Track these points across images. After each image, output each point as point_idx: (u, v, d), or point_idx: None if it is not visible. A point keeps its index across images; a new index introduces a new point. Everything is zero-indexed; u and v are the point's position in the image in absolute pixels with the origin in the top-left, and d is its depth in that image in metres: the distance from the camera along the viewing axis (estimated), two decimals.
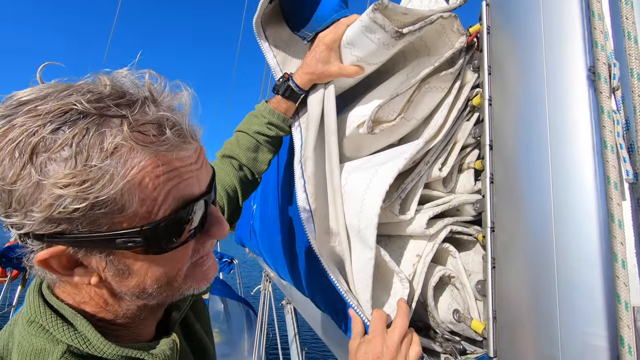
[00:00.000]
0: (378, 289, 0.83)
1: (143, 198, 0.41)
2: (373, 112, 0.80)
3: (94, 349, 0.47)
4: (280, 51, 1.01)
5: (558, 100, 0.62)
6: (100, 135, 0.39)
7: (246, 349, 5.34)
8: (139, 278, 0.47)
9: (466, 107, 0.86)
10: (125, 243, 0.42)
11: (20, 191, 0.39)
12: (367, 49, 0.80)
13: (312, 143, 0.85)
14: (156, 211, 0.43)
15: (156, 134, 0.42)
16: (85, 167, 0.38)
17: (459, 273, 0.83)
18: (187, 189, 0.45)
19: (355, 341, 0.73)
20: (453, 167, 0.88)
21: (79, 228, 0.40)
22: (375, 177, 0.78)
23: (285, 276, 1.65)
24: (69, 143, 0.38)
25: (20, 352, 0.46)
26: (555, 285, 0.60)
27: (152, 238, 0.43)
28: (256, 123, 0.93)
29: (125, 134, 0.39)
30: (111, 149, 0.39)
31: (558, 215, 0.61)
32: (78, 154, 0.38)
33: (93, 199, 0.38)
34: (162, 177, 0.42)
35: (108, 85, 0.42)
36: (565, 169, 0.60)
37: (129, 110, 0.41)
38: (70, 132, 0.38)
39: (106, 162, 0.38)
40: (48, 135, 0.38)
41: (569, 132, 0.61)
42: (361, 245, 0.79)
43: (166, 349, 0.54)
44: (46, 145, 0.38)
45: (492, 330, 0.72)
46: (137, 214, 0.41)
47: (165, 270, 0.48)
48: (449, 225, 0.83)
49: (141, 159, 0.40)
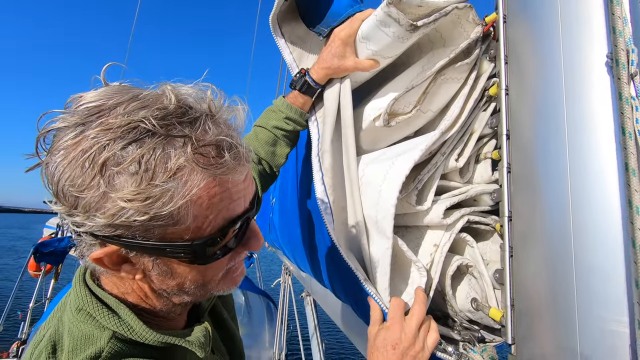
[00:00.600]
0: (396, 277, 0.84)
1: (196, 215, 0.45)
2: (389, 105, 0.82)
3: (136, 335, 0.51)
4: (297, 47, 1.03)
5: (576, 87, 0.62)
6: (166, 156, 0.42)
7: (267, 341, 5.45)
8: (179, 280, 0.51)
9: (483, 97, 0.86)
10: (174, 253, 0.46)
11: (88, 199, 0.42)
12: (382, 43, 0.81)
13: (329, 136, 0.87)
14: (205, 227, 0.46)
15: (215, 156, 0.44)
16: (149, 185, 0.41)
17: (477, 262, 0.84)
18: (235, 208, 0.48)
19: (374, 328, 0.75)
20: (470, 158, 0.88)
21: (135, 235, 0.44)
22: (391, 168, 0.79)
23: (305, 268, 1.68)
24: (137, 160, 0.41)
25: (71, 337, 0.50)
26: (573, 273, 0.60)
27: (200, 252, 0.47)
28: (274, 118, 0.95)
29: (188, 156, 0.42)
30: (174, 170, 0.42)
31: (576, 204, 0.61)
32: (144, 172, 0.41)
33: (153, 214, 0.42)
34: (216, 197, 0.45)
35: (173, 101, 0.45)
36: (583, 157, 0.60)
37: (191, 129, 0.44)
38: (139, 150, 0.41)
39: (169, 182, 0.42)
40: (118, 152, 0.41)
41: (586, 120, 0.61)
42: (379, 235, 0.81)
43: (200, 336, 0.58)
44: (116, 160, 0.41)
45: (510, 318, 0.73)
46: (189, 228, 0.45)
47: (204, 276, 0.52)
48: (466, 215, 0.84)
49: (200, 181, 0.43)
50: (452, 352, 0.73)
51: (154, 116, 0.43)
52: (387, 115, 0.82)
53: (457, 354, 0.73)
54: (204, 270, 0.51)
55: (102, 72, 0.49)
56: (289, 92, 0.97)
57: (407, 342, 0.69)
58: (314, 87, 0.93)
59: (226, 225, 0.48)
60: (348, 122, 0.88)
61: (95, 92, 0.46)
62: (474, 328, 0.86)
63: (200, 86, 0.50)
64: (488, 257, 0.87)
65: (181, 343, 0.55)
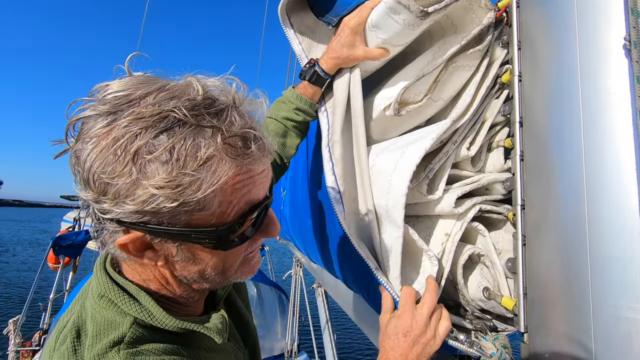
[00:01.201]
0: (407, 267, 0.85)
1: (222, 201, 0.46)
2: (399, 94, 0.81)
3: (156, 321, 0.53)
4: (306, 37, 1.03)
5: (591, 71, 0.61)
6: (196, 145, 0.43)
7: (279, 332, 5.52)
8: (201, 266, 0.53)
9: (495, 84, 0.85)
10: (198, 239, 0.48)
11: (119, 186, 0.43)
12: (392, 31, 0.81)
13: (340, 126, 0.87)
14: (229, 212, 0.48)
15: (242, 147, 0.46)
16: (180, 173, 0.42)
17: (489, 251, 0.83)
18: (257, 194, 0.50)
19: (386, 316, 0.76)
20: (482, 146, 0.87)
21: (162, 221, 0.45)
22: (402, 157, 0.79)
23: (316, 259, 1.70)
24: (169, 149, 0.42)
25: (94, 323, 0.52)
26: (588, 261, 0.59)
27: (224, 237, 0.49)
28: (284, 109, 0.96)
29: (218, 146, 0.44)
30: (204, 159, 0.43)
31: (591, 191, 0.60)
32: (176, 161, 0.42)
33: (182, 201, 0.43)
34: (240, 184, 0.47)
35: (200, 92, 0.46)
36: (598, 143, 0.59)
37: (219, 120, 0.45)
38: (171, 140, 0.42)
39: (199, 170, 0.43)
40: (151, 140, 0.42)
41: (602, 104, 0.59)
42: (390, 224, 0.81)
43: (218, 322, 0.59)
44: (148, 149, 0.42)
45: (523, 307, 0.73)
46: (214, 214, 0.47)
47: (225, 262, 0.54)
48: (478, 204, 0.84)
49: (228, 170, 0.45)
50: (463, 340, 0.73)
51: (184, 106, 0.43)
52: (398, 105, 0.82)
53: (469, 342, 0.73)
54: (225, 257, 0.53)
55: (126, 62, 0.50)
56: (299, 83, 0.97)
57: (419, 329, 0.69)
58: (324, 77, 0.92)
59: (248, 211, 0.49)
60: (358, 112, 0.87)
61: (122, 81, 0.46)
62: (486, 317, 0.86)
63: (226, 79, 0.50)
64: (500, 246, 0.87)
65: (200, 329, 0.56)
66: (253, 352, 0.78)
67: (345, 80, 0.91)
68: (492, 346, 0.73)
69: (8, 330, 5.22)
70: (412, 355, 0.68)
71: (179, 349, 0.54)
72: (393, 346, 0.69)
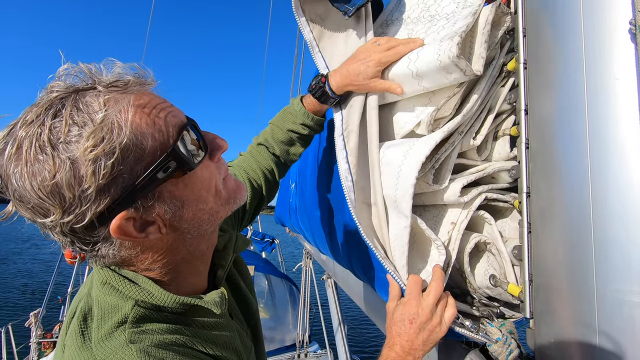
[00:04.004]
0: (414, 256, 0.86)
1: (152, 133, 0.49)
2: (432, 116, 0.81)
3: (156, 299, 0.55)
4: (316, 25, 1.02)
5: (597, 57, 0.60)
6: (87, 103, 0.47)
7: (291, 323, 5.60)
8: (194, 205, 0.55)
9: (501, 72, 0.85)
10: (164, 172, 0.50)
11: (64, 178, 0.44)
12: (437, 83, 0.79)
13: (358, 117, 0.88)
14: (167, 139, 0.51)
15: (124, 84, 0.50)
16: (96, 128, 0.45)
17: (495, 239, 0.84)
18: (176, 118, 0.53)
19: (393, 303, 0.77)
20: (488, 135, 0.87)
21: (125, 183, 0.47)
22: (412, 149, 0.80)
23: (325, 250, 1.72)
24: (71, 119, 0.45)
25: (99, 308, 0.55)
26: (592, 246, 0.60)
27: (180, 157, 0.51)
28: (290, 121, 0.97)
29: (103, 91, 0.48)
30: (102, 104, 0.47)
31: (596, 177, 0.60)
32: (84, 124, 0.45)
33: (118, 148, 0.45)
34: (152, 113, 0.50)
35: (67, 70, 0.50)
36: (604, 128, 0.59)
37: (93, 81, 0.50)
38: (66, 112, 0.45)
39: (107, 114, 0.46)
40: (52, 125, 0.45)
41: (608, 90, 0.59)
42: (397, 214, 0.82)
43: (215, 297, 0.61)
44: (56, 133, 0.45)
45: (529, 293, 0.74)
46: (156, 148, 0.49)
47: (206, 188, 0.56)
48: (483, 192, 0.84)
49: (126, 102, 0.48)
50: (470, 326, 0.74)
51: (60, 88, 0.48)
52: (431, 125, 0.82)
53: (475, 328, 0.74)
54: (202, 184, 0.55)
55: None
56: (307, 95, 0.97)
57: (425, 316, 0.70)
58: (332, 98, 0.93)
59: (180, 130, 0.52)
60: (373, 104, 0.88)
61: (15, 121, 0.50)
62: (493, 305, 0.87)
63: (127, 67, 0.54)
64: (506, 234, 0.87)
65: (197, 302, 0.58)
66: (255, 331, 0.81)
67: None
68: (498, 332, 0.75)
69: (30, 323, 5.41)
70: (418, 341, 0.69)
71: (180, 328, 0.56)
72: (400, 332, 0.71)
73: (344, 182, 0.86)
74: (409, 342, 0.69)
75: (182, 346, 0.54)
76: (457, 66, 0.72)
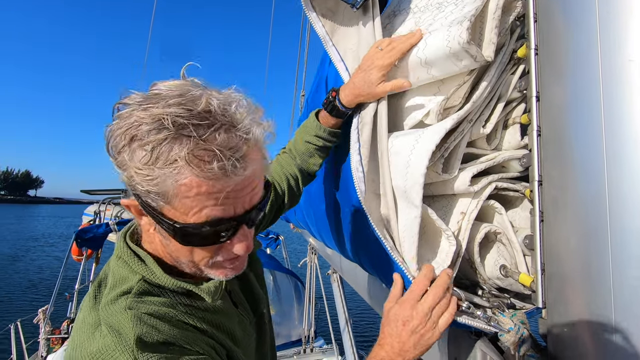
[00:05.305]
0: (424, 247, 0.85)
1: (183, 203, 0.54)
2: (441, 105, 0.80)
3: (158, 279, 0.63)
4: (328, 20, 1.02)
5: (612, 38, 0.59)
6: (170, 148, 0.51)
7: (296, 318, 5.62)
8: (173, 248, 0.62)
9: (511, 59, 0.83)
10: (163, 224, 0.57)
11: (120, 160, 0.55)
12: (447, 71, 0.78)
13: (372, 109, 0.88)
14: (190, 216, 0.55)
15: (206, 161, 0.52)
16: (151, 166, 0.52)
17: (506, 229, 0.83)
18: (220, 211, 0.56)
19: (390, 303, 0.77)
20: (497, 124, 0.86)
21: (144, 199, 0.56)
22: (421, 137, 0.79)
23: (332, 244, 1.71)
24: (152, 144, 0.52)
25: (112, 277, 0.64)
26: (608, 233, 0.58)
27: (181, 234, 0.57)
28: (306, 132, 1.04)
29: (184, 154, 0.51)
30: (171, 161, 0.51)
31: (611, 163, 0.59)
32: (152, 154, 0.52)
33: (149, 189, 0.53)
34: (200, 195, 0.53)
35: (201, 106, 0.53)
36: (618, 112, 0.58)
37: (204, 132, 0.52)
38: (156, 137, 0.52)
39: (164, 168, 0.52)
40: (144, 133, 0.52)
41: (624, 73, 0.57)
42: (407, 205, 0.81)
43: (211, 286, 0.67)
44: (140, 139, 0.52)
45: (541, 282, 0.73)
46: (177, 211, 0.55)
47: (192, 255, 0.61)
48: (493, 182, 0.83)
49: (187, 176, 0.52)
50: (480, 316, 0.73)
51: (177, 114, 0.52)
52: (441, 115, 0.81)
53: (486, 318, 0.73)
54: (191, 251, 0.61)
55: (182, 70, 0.60)
56: (321, 110, 1.02)
57: (418, 320, 0.70)
58: (343, 111, 0.96)
59: (208, 222, 0.55)
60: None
61: (168, 82, 0.57)
62: (504, 296, 0.86)
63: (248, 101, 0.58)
64: (517, 224, 0.86)
65: (191, 288, 0.65)
66: (260, 322, 0.85)
67: None
68: (510, 322, 0.74)
69: (38, 319, 5.46)
70: (409, 343, 0.69)
71: (176, 304, 0.63)
72: (391, 333, 0.71)
73: (354, 174, 0.85)
74: (400, 344, 0.70)
75: (173, 318, 0.61)
76: (467, 52, 0.70)
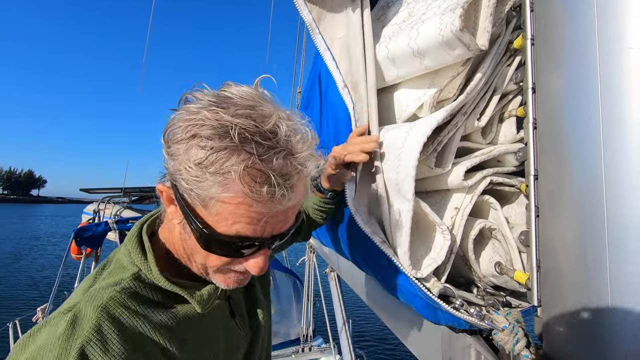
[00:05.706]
0: (417, 242, 0.83)
1: (218, 212, 0.54)
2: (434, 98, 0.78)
3: (152, 276, 0.63)
4: (315, 6, 0.99)
5: (610, 27, 0.57)
6: (227, 158, 0.51)
7: (295, 317, 5.60)
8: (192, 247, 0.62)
9: (506, 51, 0.81)
10: (191, 224, 0.57)
11: (173, 150, 0.55)
12: (441, 61, 0.77)
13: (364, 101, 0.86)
14: (220, 225, 0.55)
15: (258, 182, 0.51)
16: (204, 168, 0.51)
17: (501, 225, 0.81)
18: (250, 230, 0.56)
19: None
20: (493, 117, 0.84)
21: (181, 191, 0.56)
22: (412, 129, 0.77)
23: (327, 242, 1.69)
24: (210, 149, 0.51)
25: (115, 263, 0.65)
26: (605, 229, 0.56)
27: (205, 238, 0.57)
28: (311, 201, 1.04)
29: (239, 168, 0.51)
30: (224, 171, 0.51)
31: (609, 155, 0.57)
32: (207, 159, 0.51)
33: (193, 186, 0.53)
34: (239, 211, 0.53)
35: (269, 126, 0.53)
36: (616, 102, 0.56)
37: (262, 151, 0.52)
38: (217, 143, 0.51)
39: (215, 176, 0.51)
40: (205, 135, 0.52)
41: (622, 64, 0.55)
42: (399, 198, 0.79)
43: (205, 293, 0.66)
44: (199, 138, 0.52)
45: (536, 280, 0.70)
46: (211, 217, 0.55)
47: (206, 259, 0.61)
48: (488, 176, 0.81)
49: (234, 192, 0.52)
50: (474, 313, 0.71)
51: (244, 127, 0.51)
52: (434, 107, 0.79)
53: (480, 315, 0.71)
54: (207, 255, 0.60)
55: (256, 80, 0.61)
56: None
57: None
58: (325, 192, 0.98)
59: (236, 237, 0.56)
60: (371, 82, 0.85)
61: (241, 87, 0.57)
62: (499, 294, 0.84)
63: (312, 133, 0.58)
64: (513, 220, 0.84)
65: (183, 293, 0.63)
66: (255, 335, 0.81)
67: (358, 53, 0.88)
68: (505, 320, 0.72)
69: (37, 318, 5.45)
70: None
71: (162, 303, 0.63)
72: None
73: None
74: None
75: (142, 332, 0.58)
76: (460, 40, 0.68)
